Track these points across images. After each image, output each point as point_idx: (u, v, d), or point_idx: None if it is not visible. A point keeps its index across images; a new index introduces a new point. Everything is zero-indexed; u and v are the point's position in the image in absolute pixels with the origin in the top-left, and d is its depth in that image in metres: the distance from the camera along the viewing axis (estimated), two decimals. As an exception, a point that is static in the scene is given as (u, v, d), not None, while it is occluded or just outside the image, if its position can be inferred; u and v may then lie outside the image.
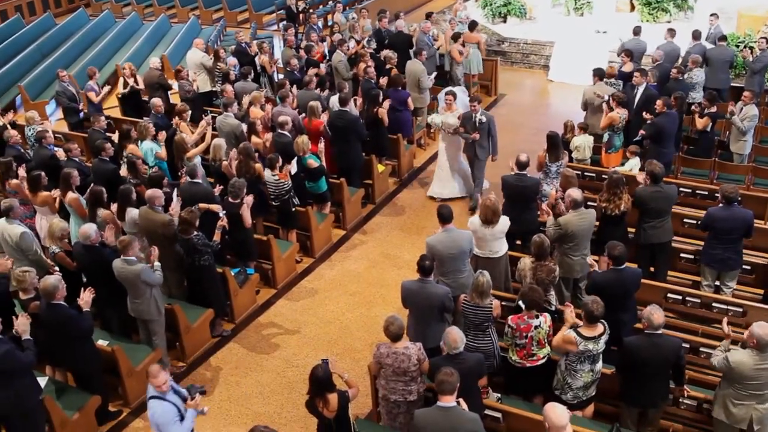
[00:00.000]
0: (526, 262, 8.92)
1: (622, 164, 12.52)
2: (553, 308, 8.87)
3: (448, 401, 6.69)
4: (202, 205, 10.41)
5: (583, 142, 12.52)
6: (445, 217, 9.30)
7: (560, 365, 7.95)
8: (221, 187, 11.07)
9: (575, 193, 9.59)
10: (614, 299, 8.40)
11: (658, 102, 12.14)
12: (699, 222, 10.33)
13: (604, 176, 11.91)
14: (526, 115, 17.32)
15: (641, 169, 11.70)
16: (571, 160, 12.37)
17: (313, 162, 11.86)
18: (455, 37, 16.45)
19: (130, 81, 15.76)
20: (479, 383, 8.11)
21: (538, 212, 10.82)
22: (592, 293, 8.30)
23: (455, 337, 7.29)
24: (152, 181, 10.86)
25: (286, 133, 12.33)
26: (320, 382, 6.99)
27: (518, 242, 10.76)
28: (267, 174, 11.44)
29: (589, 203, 10.22)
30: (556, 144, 11.35)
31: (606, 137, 12.59)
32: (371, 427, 8.13)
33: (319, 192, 12.28)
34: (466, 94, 14.39)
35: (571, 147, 12.52)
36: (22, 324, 8.15)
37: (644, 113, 12.54)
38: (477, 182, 13.25)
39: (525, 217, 10.51)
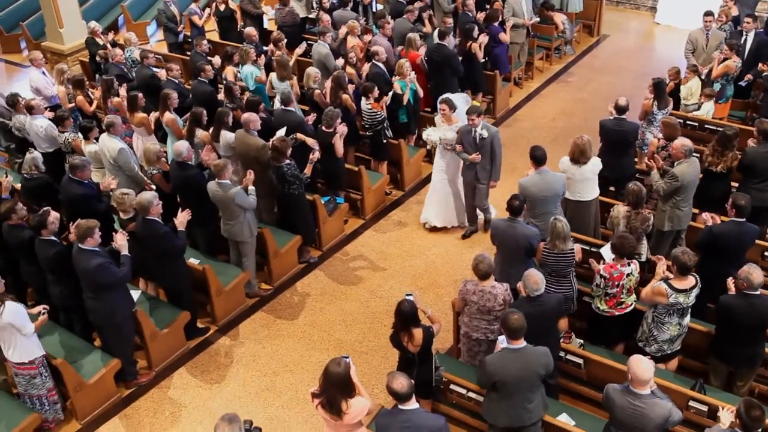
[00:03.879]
0: (620, 209, 8.72)
1: (698, 108, 12.06)
2: (644, 259, 8.69)
3: (519, 344, 6.69)
4: (299, 135, 10.47)
5: (696, 86, 12.10)
6: (538, 158, 9.13)
7: (647, 317, 7.80)
8: (314, 115, 11.10)
9: (688, 141, 9.25)
10: (727, 252, 8.18)
11: None
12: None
13: (707, 126, 11.56)
14: (629, 58, 16.76)
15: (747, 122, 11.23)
16: (677, 107, 11.94)
17: (398, 87, 11.79)
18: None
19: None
20: (561, 327, 8.06)
21: (635, 159, 10.58)
22: (706, 243, 8.07)
23: (536, 278, 7.23)
24: (249, 106, 10.97)
25: (379, 63, 12.26)
26: (406, 316, 7.04)
27: (611, 188, 10.52)
28: (362, 103, 11.43)
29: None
30: (664, 90, 10.95)
31: (718, 86, 12.08)
32: (451, 362, 8.17)
33: (399, 122, 12.17)
34: (468, 103, 11.91)
35: (683, 93, 12.06)
36: (119, 240, 8.44)
37: (760, 63, 11.97)
38: (481, 210, 11.15)
39: (622, 162, 10.21)
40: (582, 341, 8.30)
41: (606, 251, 8.18)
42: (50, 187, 10.13)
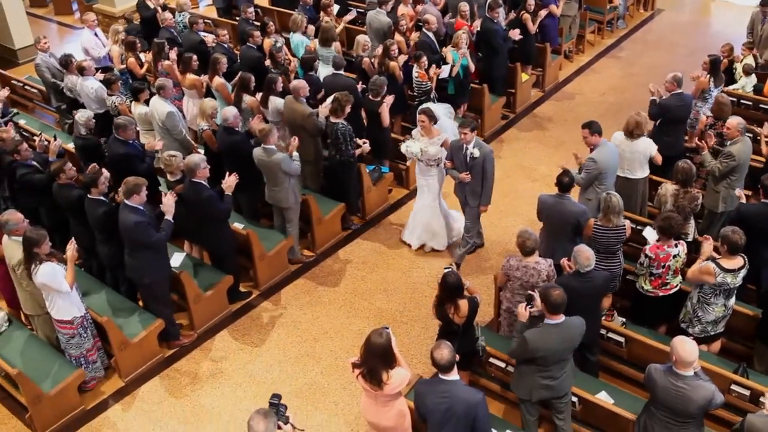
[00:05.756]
0: (668, 188, 8.58)
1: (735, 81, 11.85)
2: (690, 239, 8.57)
3: (559, 318, 6.64)
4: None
5: (752, 63, 11.89)
6: (599, 130, 8.89)
7: (692, 297, 7.69)
8: (362, 84, 11.07)
9: (742, 119, 9.08)
10: (759, 234, 8.01)
11: None
12: None
13: (761, 105, 11.33)
14: (683, 33, 16.43)
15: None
16: (729, 85, 11.71)
17: (450, 57, 11.69)
18: None
19: None
20: (604, 305, 7.99)
21: (686, 137, 10.41)
22: (736, 223, 7.94)
23: (588, 254, 7.16)
24: (304, 65, 11.08)
25: (428, 33, 12.16)
26: (452, 288, 7.03)
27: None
28: (413, 71, 11.38)
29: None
30: (719, 68, 10.73)
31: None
32: (491, 335, 8.13)
33: (446, 93, 12.02)
34: (451, 115, 11.28)
35: (741, 70, 11.82)
36: (167, 202, 8.50)
37: None
38: (470, 234, 10.01)
39: (678, 139, 10.02)
40: (624, 320, 8.23)
41: (649, 232, 8.07)
42: (99, 148, 10.26)
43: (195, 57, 11.45)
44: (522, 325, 6.82)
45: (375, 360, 6.19)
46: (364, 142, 10.27)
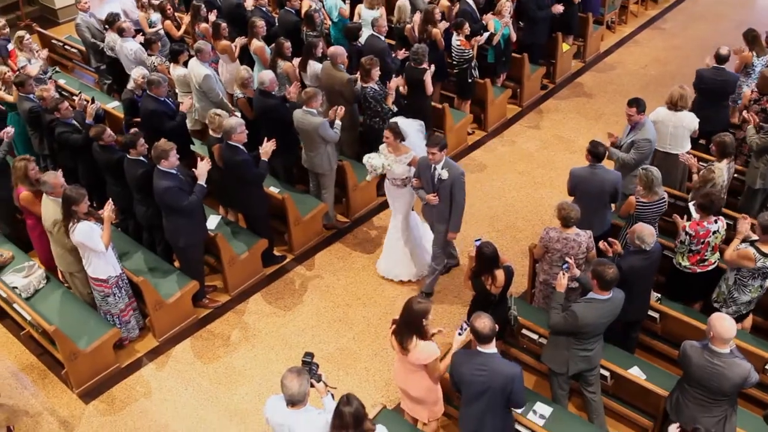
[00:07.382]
0: (720, 166, 8.35)
1: None
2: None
3: (608, 294, 6.59)
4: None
5: None
6: (644, 107, 8.76)
7: (727, 279, 7.58)
8: (404, 50, 10.98)
9: None
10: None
11: None
12: None
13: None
14: (729, 5, 16.07)
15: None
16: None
17: (492, 25, 11.57)
18: None
19: None
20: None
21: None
22: None
23: (651, 230, 7.08)
24: (348, 33, 11.06)
25: (469, 1, 12.00)
26: (489, 259, 7.00)
27: (701, 142, 10.17)
28: (453, 39, 11.27)
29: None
30: (758, 38, 10.48)
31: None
32: (525, 306, 8.11)
33: (486, 61, 11.91)
34: (423, 132, 9.94)
35: None
36: (201, 168, 8.52)
37: None
38: (437, 260, 9.02)
39: (718, 115, 9.84)
40: (659, 295, 8.14)
41: (693, 209, 7.97)
42: (137, 104, 10.31)
43: (225, 25, 11.43)
44: (560, 296, 6.80)
45: (404, 323, 6.26)
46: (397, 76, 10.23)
